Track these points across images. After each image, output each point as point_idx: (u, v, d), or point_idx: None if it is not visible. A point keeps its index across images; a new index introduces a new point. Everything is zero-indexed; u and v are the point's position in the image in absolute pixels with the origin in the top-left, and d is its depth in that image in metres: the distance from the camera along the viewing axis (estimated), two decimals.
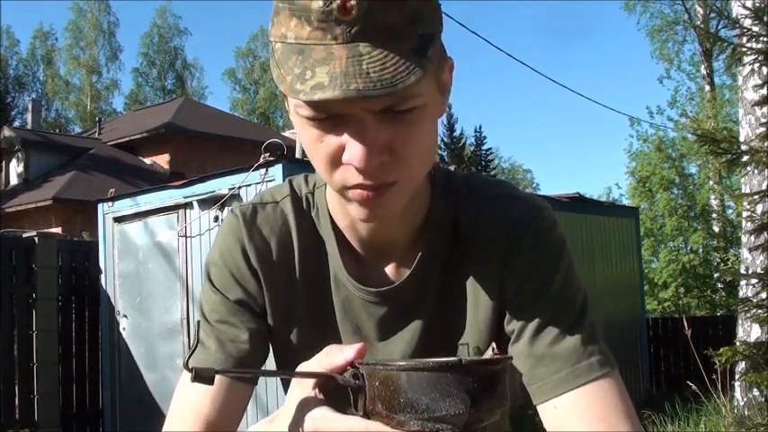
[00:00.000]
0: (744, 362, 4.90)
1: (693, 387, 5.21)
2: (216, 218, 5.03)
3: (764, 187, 5.44)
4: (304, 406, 0.71)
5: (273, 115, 37.03)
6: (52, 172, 18.86)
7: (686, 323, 5.14)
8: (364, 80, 0.67)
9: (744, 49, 4.91)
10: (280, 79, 0.72)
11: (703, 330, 9.16)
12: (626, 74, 70.70)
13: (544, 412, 0.84)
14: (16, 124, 27.93)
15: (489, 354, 0.89)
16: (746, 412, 5.46)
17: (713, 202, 16.21)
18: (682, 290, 14.64)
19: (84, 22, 33.57)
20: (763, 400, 5.46)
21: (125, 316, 5.85)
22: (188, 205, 5.32)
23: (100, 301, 6.09)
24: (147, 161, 20.35)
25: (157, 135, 19.88)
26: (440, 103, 0.82)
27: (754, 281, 5.17)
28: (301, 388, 0.73)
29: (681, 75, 20.64)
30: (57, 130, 29.64)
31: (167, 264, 5.50)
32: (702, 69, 19.58)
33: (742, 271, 6.04)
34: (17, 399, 5.75)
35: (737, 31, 5.09)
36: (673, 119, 18.00)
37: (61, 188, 17.25)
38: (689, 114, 18.06)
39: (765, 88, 5.26)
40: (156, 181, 13.72)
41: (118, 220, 5.87)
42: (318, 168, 0.80)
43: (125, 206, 5.87)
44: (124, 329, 5.85)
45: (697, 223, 15.76)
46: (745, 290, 5.75)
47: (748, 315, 4.97)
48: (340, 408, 0.68)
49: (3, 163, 19.52)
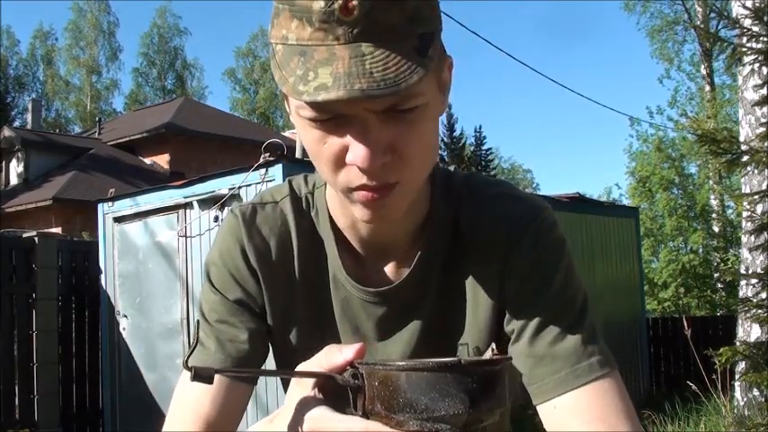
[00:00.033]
0: (744, 362, 4.90)
1: (693, 387, 5.21)
2: (216, 218, 5.03)
3: (764, 187, 5.44)
4: (303, 406, 0.71)
5: (273, 115, 37.02)
6: (52, 172, 18.86)
7: (686, 323, 5.14)
8: (368, 80, 0.67)
9: (744, 49, 4.92)
10: (282, 81, 0.72)
11: (703, 330, 9.16)
12: (626, 74, 70.80)
13: (544, 412, 0.84)
14: (16, 124, 27.94)
15: (489, 354, 0.89)
16: (746, 412, 5.46)
17: (713, 202, 16.21)
18: (682, 290, 14.64)
19: (84, 22, 33.58)
20: (763, 400, 5.46)
21: (125, 316, 5.85)
22: (188, 205, 5.32)
23: (100, 301, 6.09)
24: (147, 161, 20.35)
25: (157, 135, 19.88)
26: (440, 102, 0.82)
27: (754, 281, 5.17)
28: (301, 388, 0.73)
29: (681, 75, 20.68)
30: (57, 130, 29.63)
31: (167, 264, 5.50)
32: (702, 69, 19.58)
33: (742, 271, 6.04)
34: (17, 399, 5.75)
35: (737, 31, 5.10)
36: (673, 119, 18.02)
37: (61, 188, 17.25)
38: (689, 114, 18.07)
39: (765, 88, 5.26)
40: (156, 181, 13.72)
41: (118, 220, 5.87)
42: (321, 170, 0.80)
43: (125, 206, 5.87)
44: (124, 329, 5.85)
45: (697, 223, 15.76)
46: (745, 290, 5.75)
47: (748, 315, 4.97)
48: (339, 408, 0.69)
49: (3, 163, 19.52)
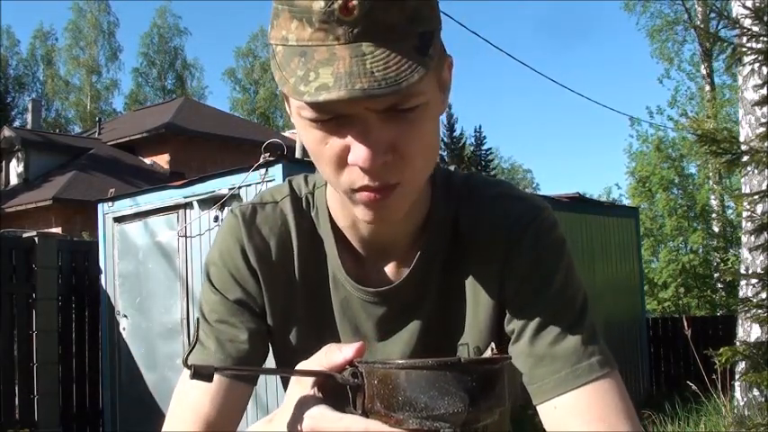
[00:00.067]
0: (744, 362, 4.90)
1: (693, 387, 5.21)
2: (216, 218, 5.03)
3: (764, 187, 5.44)
4: (303, 404, 0.71)
5: (273, 115, 37.01)
6: (52, 172, 18.86)
7: (686, 323, 5.15)
8: (369, 79, 0.67)
9: (744, 49, 4.91)
10: (282, 82, 0.72)
11: (703, 330, 9.16)
12: (626, 74, 70.82)
13: (544, 412, 0.84)
14: (16, 124, 27.94)
15: (488, 353, 0.89)
16: (746, 412, 5.46)
17: (713, 203, 16.21)
18: (682, 290, 14.64)
19: (83, 22, 33.57)
20: (763, 400, 5.46)
21: (125, 316, 5.85)
22: (188, 205, 5.32)
23: (100, 301, 6.09)
24: (147, 161, 20.34)
25: (157, 135, 19.88)
26: (441, 101, 0.82)
27: (754, 281, 5.17)
28: (300, 387, 0.73)
29: (681, 75, 20.65)
30: (57, 130, 29.63)
31: (167, 264, 5.50)
32: (702, 69, 19.57)
33: (742, 271, 6.04)
34: (17, 399, 5.75)
35: (737, 31, 5.10)
36: (673, 119, 18.01)
37: (61, 188, 17.24)
38: (689, 114, 18.06)
39: (765, 88, 5.26)
40: (156, 181, 13.72)
41: (118, 220, 5.87)
42: (323, 171, 0.79)
43: (125, 206, 5.87)
44: (124, 329, 5.85)
45: (697, 223, 15.76)
46: (745, 290, 5.75)
47: (748, 315, 4.97)
48: (339, 406, 0.69)
49: (3, 163, 19.52)
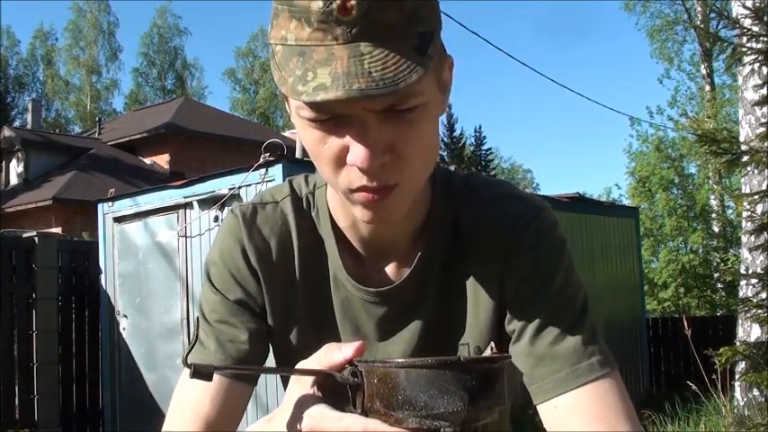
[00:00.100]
0: (744, 362, 4.90)
1: (693, 387, 5.21)
2: (216, 218, 5.03)
3: (764, 187, 5.44)
4: (302, 404, 0.71)
5: (273, 115, 37.01)
6: (52, 172, 18.85)
7: (686, 323, 5.15)
8: (366, 80, 0.67)
9: (744, 49, 4.91)
10: (281, 81, 0.72)
11: (703, 330, 9.16)
12: (626, 74, 70.83)
13: (544, 412, 0.84)
14: (16, 124, 27.93)
15: (488, 352, 0.89)
16: (746, 412, 5.46)
17: (713, 203, 16.20)
18: (682, 290, 14.63)
19: (83, 22, 33.56)
20: (763, 400, 5.45)
21: (125, 316, 5.85)
22: (188, 205, 5.32)
23: (100, 301, 6.09)
24: (147, 161, 20.34)
25: (157, 135, 19.88)
26: (440, 102, 0.82)
27: (754, 281, 5.17)
28: (300, 386, 0.73)
29: (681, 75, 20.65)
30: (57, 130, 29.63)
31: (167, 264, 5.50)
32: (702, 69, 19.57)
33: (742, 271, 6.04)
34: (17, 399, 5.75)
35: (737, 31, 5.09)
36: (673, 119, 18.00)
37: (61, 188, 17.24)
38: (689, 114, 18.05)
39: (765, 88, 5.26)
40: (156, 181, 13.72)
41: (118, 220, 5.87)
42: (322, 171, 0.80)
43: (125, 206, 5.87)
44: (124, 329, 5.85)
45: (697, 223, 15.75)
46: (745, 290, 5.75)
47: (748, 315, 4.97)
48: (338, 405, 0.69)
49: (3, 163, 19.52)
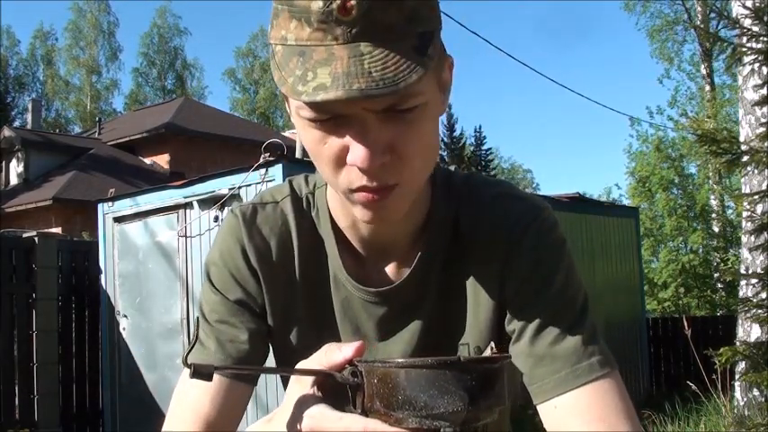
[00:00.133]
0: (744, 362, 4.90)
1: (693, 387, 5.21)
2: (216, 218, 5.03)
3: (764, 187, 5.44)
4: (302, 404, 0.71)
5: (273, 115, 37.01)
6: (52, 172, 18.85)
7: (686, 323, 5.14)
8: (366, 80, 0.67)
9: (744, 49, 4.91)
10: (281, 81, 0.72)
11: (703, 330, 9.16)
12: (626, 74, 70.84)
13: (544, 412, 0.84)
14: (16, 124, 27.93)
15: (488, 352, 0.89)
16: (746, 412, 5.46)
17: (713, 202, 16.20)
18: (682, 290, 14.63)
19: (83, 22, 33.56)
20: (763, 400, 5.45)
21: (125, 316, 5.85)
22: (188, 205, 5.32)
23: (100, 301, 6.09)
24: (147, 161, 20.34)
25: (157, 135, 19.87)
26: (440, 102, 0.82)
27: (754, 281, 5.17)
28: (300, 386, 0.73)
29: (681, 75, 20.65)
30: (57, 130, 29.62)
31: (167, 264, 5.50)
32: (702, 69, 19.57)
33: (742, 271, 6.04)
34: (17, 399, 5.75)
35: (737, 31, 5.09)
36: (673, 119, 18.00)
37: (61, 188, 17.24)
38: (689, 114, 18.05)
39: (765, 88, 5.26)
40: (156, 181, 13.72)
41: (118, 220, 5.87)
42: (322, 170, 0.80)
43: (125, 206, 5.87)
44: (124, 329, 5.85)
45: (697, 223, 15.75)
46: (745, 290, 5.75)
47: (748, 315, 4.97)
48: (338, 405, 0.69)
49: (3, 163, 19.52)
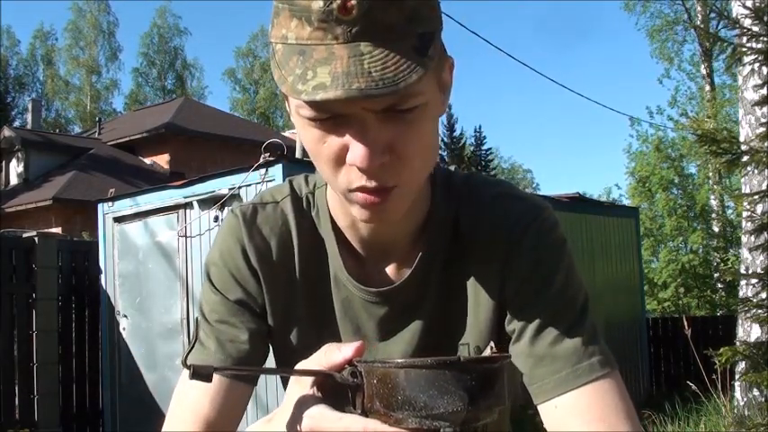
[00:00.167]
0: (744, 362, 4.90)
1: (693, 387, 5.21)
2: (216, 218, 5.03)
3: (764, 187, 5.44)
4: (302, 404, 0.71)
5: (273, 115, 37.01)
6: (52, 172, 18.85)
7: (686, 323, 5.15)
8: (366, 79, 0.67)
9: (744, 49, 4.91)
10: (281, 80, 0.72)
11: (703, 330, 9.16)
12: (626, 74, 70.85)
13: (544, 412, 0.84)
14: (16, 124, 27.94)
15: (488, 352, 0.88)
16: (746, 412, 5.46)
17: (713, 203, 16.21)
18: (682, 290, 14.63)
19: (83, 23, 33.57)
20: (763, 400, 5.45)
21: (125, 316, 5.85)
22: (188, 205, 5.32)
23: (100, 301, 6.09)
24: (147, 161, 20.34)
25: (157, 135, 19.88)
26: (440, 102, 0.82)
27: (754, 281, 5.17)
28: (300, 386, 0.73)
29: (681, 75, 20.64)
30: (57, 130, 29.63)
31: (167, 264, 5.50)
32: (702, 69, 19.57)
33: (742, 271, 6.04)
34: (17, 399, 5.75)
35: (737, 31, 5.09)
36: (673, 119, 18.00)
37: (61, 188, 17.24)
38: (689, 114, 18.05)
39: (765, 88, 5.26)
40: (156, 181, 13.72)
41: (118, 220, 5.87)
42: (322, 170, 0.79)
43: (125, 206, 5.87)
44: (124, 329, 5.85)
45: (697, 223, 15.76)
46: (745, 290, 5.75)
47: (748, 315, 4.97)
48: (338, 406, 0.69)
49: (3, 163, 19.52)
